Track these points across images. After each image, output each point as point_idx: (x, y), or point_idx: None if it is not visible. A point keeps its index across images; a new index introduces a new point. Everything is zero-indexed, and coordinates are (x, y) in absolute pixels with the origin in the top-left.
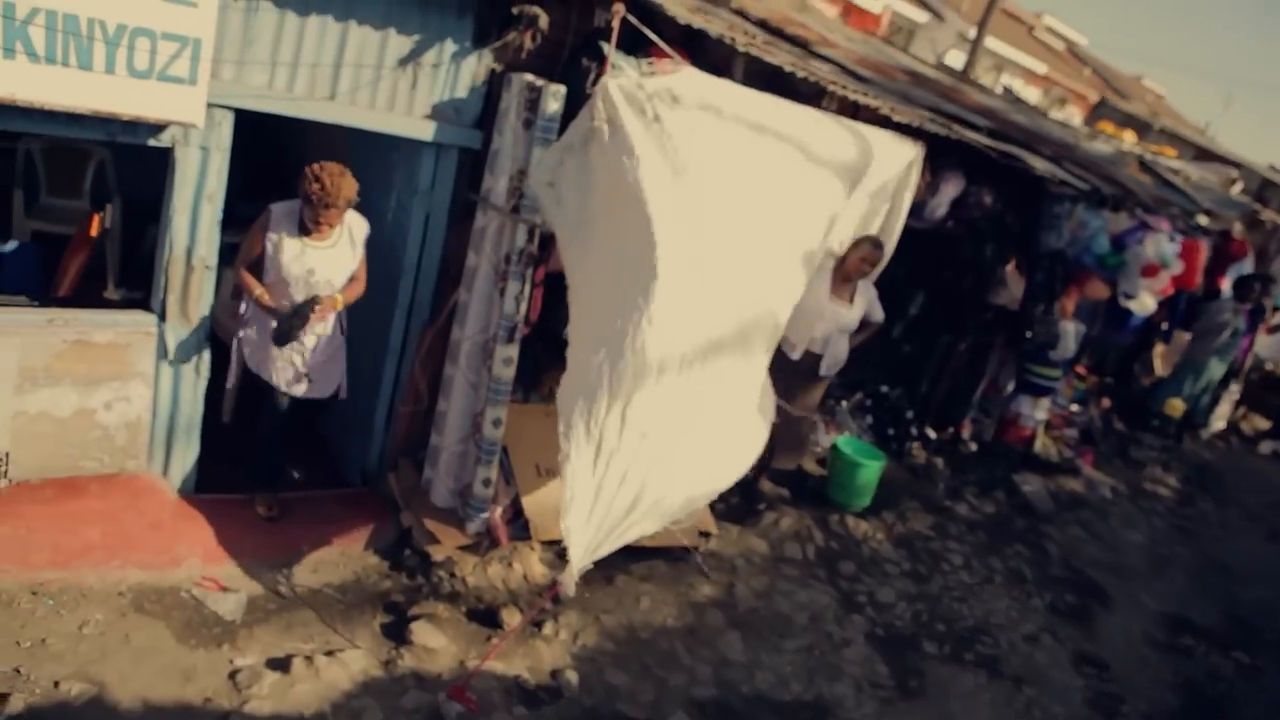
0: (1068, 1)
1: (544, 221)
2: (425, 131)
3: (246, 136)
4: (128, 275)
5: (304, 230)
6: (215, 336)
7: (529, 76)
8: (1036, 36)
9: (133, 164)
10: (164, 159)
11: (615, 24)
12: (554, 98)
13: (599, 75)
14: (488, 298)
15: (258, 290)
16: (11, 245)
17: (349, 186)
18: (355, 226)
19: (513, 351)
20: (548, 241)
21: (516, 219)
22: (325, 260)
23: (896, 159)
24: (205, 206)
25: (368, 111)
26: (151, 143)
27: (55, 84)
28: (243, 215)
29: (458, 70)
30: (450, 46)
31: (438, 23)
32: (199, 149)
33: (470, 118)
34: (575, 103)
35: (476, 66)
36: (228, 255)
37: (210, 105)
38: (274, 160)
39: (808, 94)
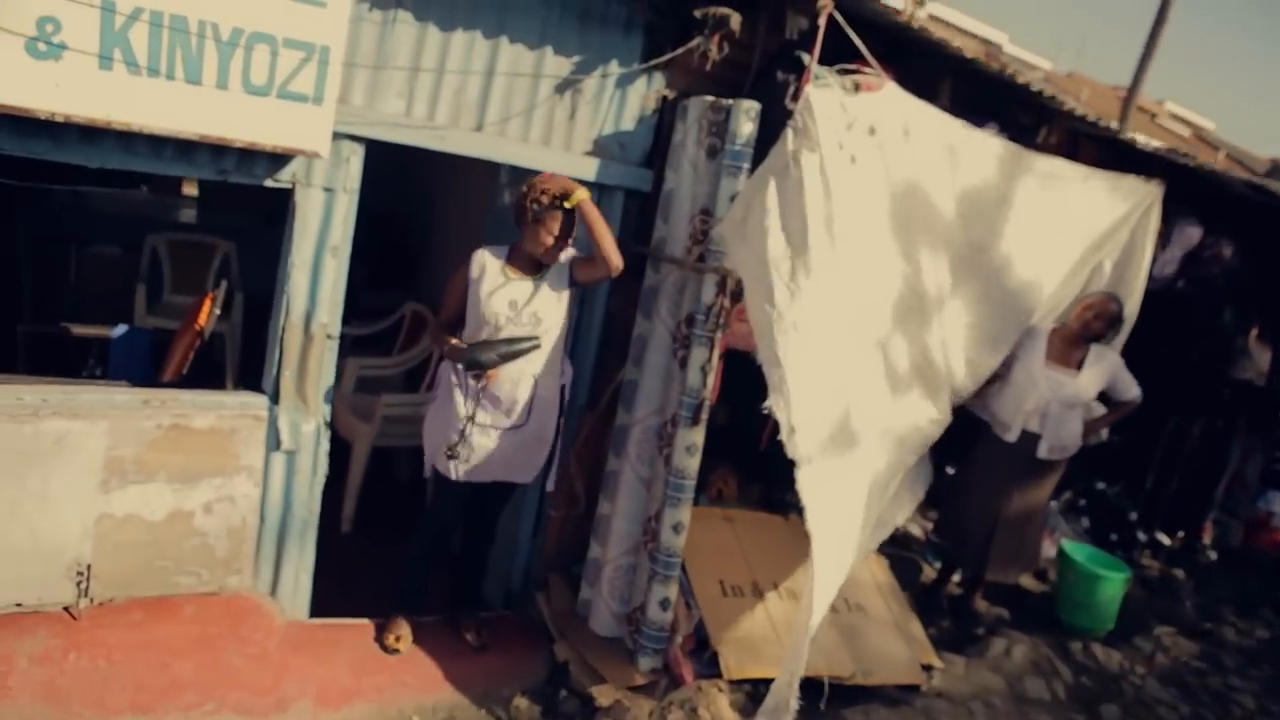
0: (1190, 89)
1: (734, 271)
2: (586, 170)
3: (371, 224)
4: (248, 375)
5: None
6: (334, 432)
7: (710, 98)
8: (1161, 124)
9: (255, 258)
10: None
11: (822, 21)
12: (746, 116)
13: (797, 91)
14: (663, 371)
15: (450, 342)
16: (121, 329)
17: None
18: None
19: (698, 437)
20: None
21: (702, 269)
22: (531, 293)
23: (1126, 201)
24: (328, 261)
25: (520, 146)
26: (269, 183)
27: (158, 102)
28: (367, 305)
29: (623, 97)
30: (615, 69)
31: (600, 41)
32: (323, 190)
33: (638, 154)
34: (767, 129)
35: (645, 92)
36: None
37: (337, 135)
38: (398, 249)
39: (1024, 126)
